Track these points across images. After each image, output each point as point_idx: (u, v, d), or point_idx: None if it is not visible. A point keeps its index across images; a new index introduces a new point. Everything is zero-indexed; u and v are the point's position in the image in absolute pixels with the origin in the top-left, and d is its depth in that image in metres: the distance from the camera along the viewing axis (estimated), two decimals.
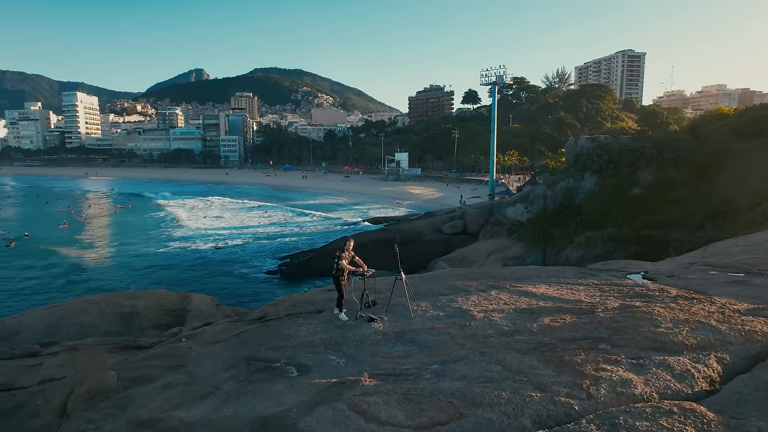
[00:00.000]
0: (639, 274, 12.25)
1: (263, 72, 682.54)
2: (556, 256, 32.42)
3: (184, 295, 13.58)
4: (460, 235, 49.65)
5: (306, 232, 63.02)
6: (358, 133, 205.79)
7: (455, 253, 39.96)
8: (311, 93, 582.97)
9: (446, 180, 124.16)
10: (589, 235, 31.71)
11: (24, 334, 12.88)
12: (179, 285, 35.84)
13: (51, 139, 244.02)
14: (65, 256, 48.17)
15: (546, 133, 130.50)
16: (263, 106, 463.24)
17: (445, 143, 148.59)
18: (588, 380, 6.58)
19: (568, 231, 34.02)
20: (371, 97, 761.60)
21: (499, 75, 67.06)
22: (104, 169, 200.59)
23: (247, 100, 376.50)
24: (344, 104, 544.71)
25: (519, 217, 39.05)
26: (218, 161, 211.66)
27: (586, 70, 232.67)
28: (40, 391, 9.15)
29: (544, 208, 37.60)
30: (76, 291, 35.47)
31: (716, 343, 7.38)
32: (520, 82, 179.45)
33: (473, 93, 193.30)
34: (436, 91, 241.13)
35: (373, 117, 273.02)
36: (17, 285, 38.85)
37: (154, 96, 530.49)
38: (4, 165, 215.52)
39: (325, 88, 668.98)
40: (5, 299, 34.52)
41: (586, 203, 35.48)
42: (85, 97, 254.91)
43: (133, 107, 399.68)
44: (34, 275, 41.72)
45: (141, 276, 41.14)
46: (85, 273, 42.30)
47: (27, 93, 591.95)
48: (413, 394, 6.65)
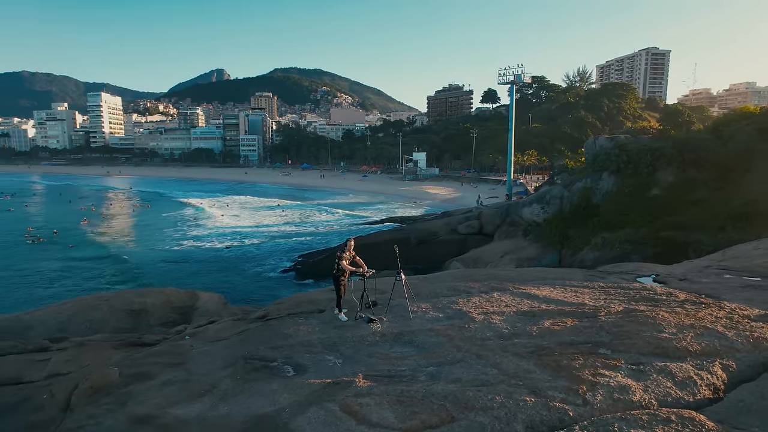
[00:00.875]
0: (650, 277, 11.97)
1: (283, 72, 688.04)
2: (572, 257, 31.92)
3: (192, 293, 13.73)
4: (476, 235, 49.27)
5: (322, 231, 63.32)
6: (376, 132, 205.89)
7: (470, 254, 39.66)
8: (330, 93, 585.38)
9: (464, 180, 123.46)
10: (606, 237, 31.15)
11: (37, 329, 13.17)
12: (193, 283, 36.37)
13: (76, 138, 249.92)
14: (83, 254, 49.27)
15: (566, 132, 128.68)
16: (283, 106, 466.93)
17: (464, 143, 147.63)
18: (585, 386, 6.43)
19: (584, 232, 33.47)
20: (390, 97, 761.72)
21: (517, 74, 66.38)
22: (126, 168, 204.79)
23: (267, 100, 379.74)
24: (363, 104, 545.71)
25: (535, 218, 38.56)
26: (238, 160, 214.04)
27: (608, 69, 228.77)
28: (47, 386, 9.33)
29: (561, 208, 37.05)
30: (91, 286, 36.35)
31: (722, 350, 7.15)
32: (540, 81, 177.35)
33: (492, 92, 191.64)
34: (455, 91, 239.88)
35: (391, 116, 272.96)
36: (39, 279, 39.90)
37: (176, 96, 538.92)
38: (32, 164, 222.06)
39: (345, 88, 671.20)
40: (29, 293, 35.49)
41: (603, 204, 34.87)
42: (109, 98, 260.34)
43: (156, 107, 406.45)
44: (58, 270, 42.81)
45: (156, 273, 41.84)
46: (101, 270, 43.10)
47: (55, 94, 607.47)
48: (406, 396, 6.59)
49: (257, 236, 59.52)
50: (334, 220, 73.67)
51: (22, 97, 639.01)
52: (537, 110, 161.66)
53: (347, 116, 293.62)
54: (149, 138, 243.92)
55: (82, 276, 40.84)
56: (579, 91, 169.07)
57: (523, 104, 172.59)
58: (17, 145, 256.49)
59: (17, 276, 40.70)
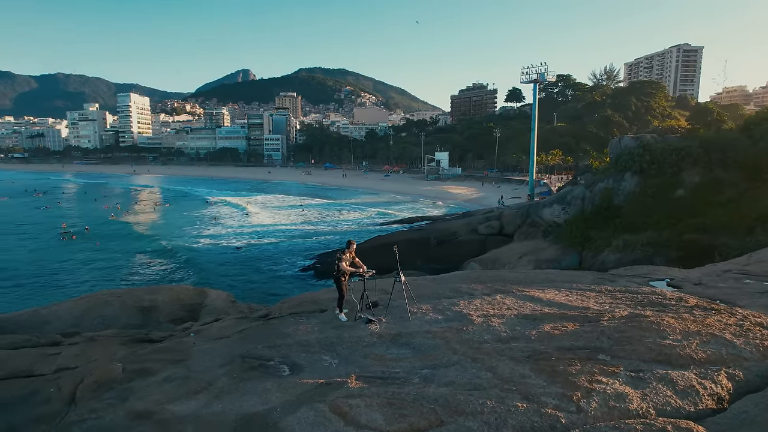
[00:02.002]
0: (663, 281, 11.60)
1: (308, 72, 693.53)
2: (593, 259, 31.24)
3: (201, 291, 13.92)
4: (496, 236, 48.72)
5: (342, 230, 63.53)
6: (399, 132, 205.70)
7: (488, 254, 39.22)
8: (354, 92, 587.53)
9: (486, 180, 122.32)
10: (628, 239, 30.38)
11: (53, 323, 13.55)
12: (210, 280, 37.08)
13: (107, 138, 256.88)
14: (105, 250, 50.69)
15: (591, 131, 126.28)
16: (307, 106, 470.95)
17: (487, 142, 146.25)
18: (580, 392, 6.26)
19: (606, 233, 32.71)
20: (414, 96, 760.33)
21: (540, 72, 65.33)
22: (154, 167, 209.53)
23: (291, 100, 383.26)
24: (387, 103, 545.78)
25: (555, 219, 37.88)
26: (261, 160, 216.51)
27: (637, 67, 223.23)
28: (55, 379, 9.57)
29: (582, 209, 36.30)
30: (110, 281, 37.44)
31: (728, 358, 6.87)
32: (565, 80, 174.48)
33: (517, 91, 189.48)
34: (479, 90, 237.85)
35: (414, 116, 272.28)
36: (64, 274, 41.18)
37: (202, 96, 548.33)
38: (65, 162, 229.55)
39: (368, 88, 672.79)
40: (55, 286, 36.66)
41: (625, 205, 34.02)
42: (137, 98, 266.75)
43: (183, 107, 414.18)
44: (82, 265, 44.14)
45: (174, 270, 42.63)
46: (119, 266, 44.11)
47: (87, 95, 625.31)
48: (397, 399, 6.52)
49: (277, 235, 60.08)
50: (354, 219, 73.85)
51: (57, 98, 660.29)
52: (562, 109, 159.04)
53: (370, 116, 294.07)
54: (176, 137, 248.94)
55: (102, 272, 41.86)
56: (606, 89, 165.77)
57: (548, 103, 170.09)
58: (51, 144, 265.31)
59: (47, 270, 42.08)
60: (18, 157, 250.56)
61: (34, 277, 39.81)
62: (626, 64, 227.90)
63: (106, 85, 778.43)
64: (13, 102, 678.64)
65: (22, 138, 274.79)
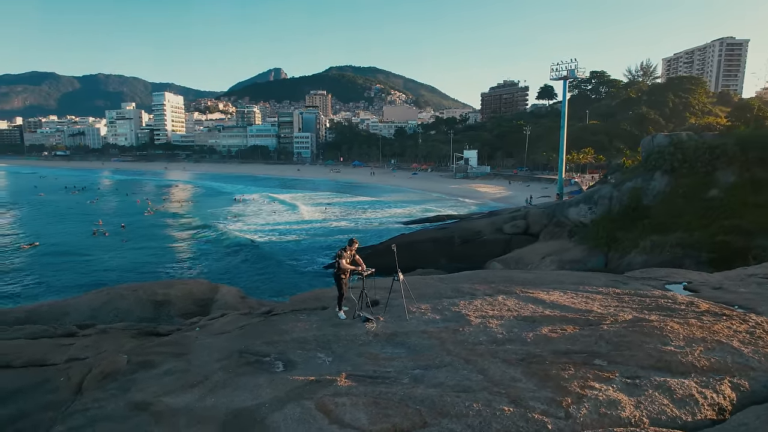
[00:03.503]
0: (680, 284, 11.15)
1: (338, 70, 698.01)
2: (619, 260, 30.36)
3: (213, 286, 14.17)
4: (521, 235, 47.97)
5: (367, 228, 63.67)
6: (428, 130, 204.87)
7: (512, 254, 38.63)
8: (384, 90, 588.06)
9: (516, 178, 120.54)
10: (655, 240, 29.40)
11: (72, 315, 14.03)
12: (227, 275, 37.93)
13: (142, 136, 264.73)
14: (132, 246, 52.41)
15: (625, 129, 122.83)
16: (337, 104, 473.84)
17: (517, 140, 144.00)
18: (570, 398, 6.07)
19: (633, 234, 31.73)
20: (444, 94, 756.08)
21: (570, 69, 63.80)
22: (186, 164, 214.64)
23: (321, 98, 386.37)
24: (417, 101, 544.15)
25: (582, 218, 36.98)
26: (291, 157, 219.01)
27: (676, 62, 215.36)
28: (66, 369, 9.90)
29: (609, 209, 35.31)
30: (131, 275, 38.76)
31: (734, 367, 6.54)
32: (599, 77, 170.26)
33: (549, 88, 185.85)
34: (510, 87, 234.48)
35: (444, 114, 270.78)
36: (90, 268, 42.76)
37: (235, 95, 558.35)
38: (104, 160, 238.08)
39: (398, 85, 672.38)
40: (79, 280, 38.11)
41: (654, 205, 32.91)
42: (172, 97, 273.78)
43: (216, 106, 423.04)
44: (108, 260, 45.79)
45: (193, 265, 43.54)
46: (142, 261, 45.32)
47: (125, 94, 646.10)
48: (383, 398, 6.48)
49: (300, 231, 60.70)
50: (379, 217, 73.92)
51: (97, 97, 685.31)
52: (595, 107, 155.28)
53: (400, 114, 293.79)
54: (208, 135, 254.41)
55: (125, 267, 43.18)
56: (641, 86, 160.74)
57: (581, 101, 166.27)
58: (91, 142, 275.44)
59: (72, 264, 43.75)
60: (60, 155, 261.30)
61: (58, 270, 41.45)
62: (664, 60, 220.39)
63: (143, 85, 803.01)
64: (58, 102, 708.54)
65: (65, 136, 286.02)
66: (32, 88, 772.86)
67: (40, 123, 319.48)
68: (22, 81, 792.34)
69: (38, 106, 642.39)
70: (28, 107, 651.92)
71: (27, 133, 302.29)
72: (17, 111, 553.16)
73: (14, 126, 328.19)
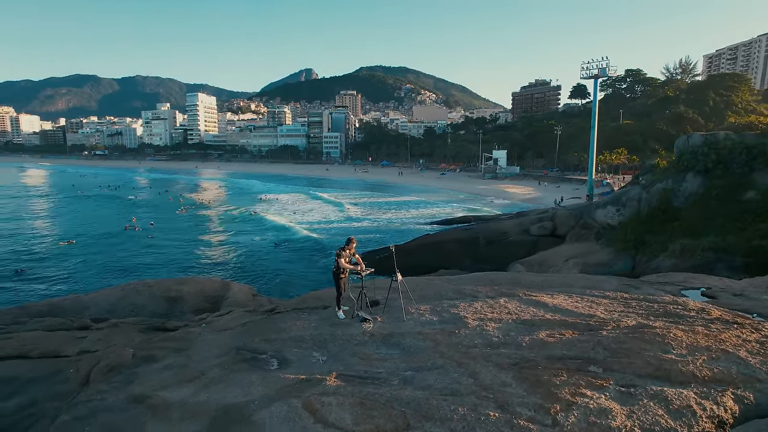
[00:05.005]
0: (698, 290, 10.68)
1: (368, 70, 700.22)
2: (647, 264, 29.39)
3: (225, 284, 14.39)
4: (548, 237, 47.07)
5: (393, 228, 63.61)
6: (457, 129, 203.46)
7: (536, 256, 37.90)
8: (414, 90, 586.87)
9: (546, 179, 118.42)
10: (686, 243, 28.33)
11: (92, 309, 14.48)
12: (246, 274, 38.51)
13: (176, 135, 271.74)
14: (157, 242, 53.83)
15: (661, 129, 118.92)
16: (367, 104, 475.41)
17: (547, 140, 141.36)
18: (559, 405, 5.88)
19: (662, 237, 30.67)
20: (475, 94, 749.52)
21: (601, 67, 62.07)
22: (219, 164, 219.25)
23: (351, 98, 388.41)
24: (447, 101, 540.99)
25: (609, 220, 35.98)
26: (320, 157, 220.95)
27: (718, 59, 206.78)
28: (76, 361, 10.21)
29: (638, 211, 34.23)
30: (152, 271, 39.96)
31: (738, 378, 6.20)
32: (634, 75, 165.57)
33: (582, 87, 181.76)
34: (542, 86, 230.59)
35: (474, 114, 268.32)
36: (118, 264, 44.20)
37: (266, 95, 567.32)
38: (140, 159, 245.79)
39: (429, 85, 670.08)
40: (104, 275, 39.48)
41: (686, 207, 31.73)
42: (205, 98, 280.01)
43: (248, 106, 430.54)
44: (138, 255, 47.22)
45: (211, 263, 44.16)
46: (165, 258, 46.44)
47: (161, 95, 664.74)
48: (369, 399, 6.42)
49: (325, 231, 61.11)
50: (405, 217, 73.76)
51: (135, 98, 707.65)
52: (630, 106, 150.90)
53: (429, 113, 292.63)
54: (239, 135, 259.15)
55: (147, 262, 44.34)
56: (680, 84, 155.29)
57: (615, 100, 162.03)
58: (128, 142, 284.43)
59: (108, 260, 45.26)
60: (99, 154, 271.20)
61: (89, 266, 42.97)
62: (706, 56, 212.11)
63: (178, 86, 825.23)
64: (98, 103, 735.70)
65: (104, 136, 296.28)
66: (75, 90, 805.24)
67: (81, 124, 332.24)
68: (65, 83, 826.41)
69: (80, 108, 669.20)
70: (71, 109, 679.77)
71: (69, 133, 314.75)
72: (61, 112, 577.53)
73: (58, 127, 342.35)
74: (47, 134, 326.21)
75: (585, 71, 63.76)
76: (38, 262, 45.41)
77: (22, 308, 14.71)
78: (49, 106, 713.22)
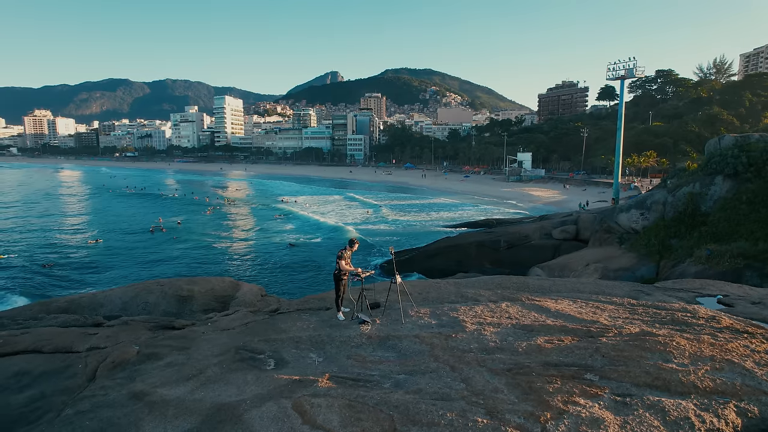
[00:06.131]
0: (714, 297, 10.26)
1: (393, 73, 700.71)
2: (671, 269, 28.46)
3: (235, 284, 14.53)
4: (571, 241, 46.31)
5: (413, 231, 63.42)
6: (482, 132, 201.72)
7: (557, 261, 37.21)
8: (439, 92, 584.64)
9: (571, 182, 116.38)
10: (713, 249, 27.34)
11: (107, 306, 14.80)
12: (265, 274, 38.91)
13: (203, 138, 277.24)
14: (181, 242, 54.85)
15: (693, 131, 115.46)
16: (392, 106, 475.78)
17: (574, 143, 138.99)
18: (550, 413, 5.71)
19: (688, 243, 29.68)
20: (501, 96, 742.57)
21: (628, 68, 60.56)
22: (243, 165, 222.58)
23: (376, 101, 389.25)
24: (472, 103, 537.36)
25: (633, 225, 35.02)
26: (344, 159, 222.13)
27: (756, 57, 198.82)
28: (86, 357, 10.43)
29: (663, 215, 33.23)
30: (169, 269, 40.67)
31: (742, 390, 5.91)
32: (665, 76, 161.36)
33: (610, 89, 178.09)
34: (569, 88, 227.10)
35: (499, 116, 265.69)
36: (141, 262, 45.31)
37: (292, 98, 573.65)
38: (168, 160, 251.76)
39: (454, 87, 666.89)
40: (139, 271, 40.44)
41: (714, 212, 30.62)
42: (231, 101, 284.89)
43: (274, 108, 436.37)
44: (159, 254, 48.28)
45: (227, 263, 44.83)
46: (184, 257, 47.32)
47: (190, 98, 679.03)
48: (358, 402, 6.36)
49: (344, 232, 61.29)
50: (427, 220, 73.47)
51: (165, 101, 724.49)
52: (660, 107, 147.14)
53: (454, 116, 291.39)
54: (265, 137, 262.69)
55: (166, 261, 45.27)
56: (714, 84, 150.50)
57: (645, 101, 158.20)
58: (157, 144, 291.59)
59: (131, 258, 46.43)
60: (129, 156, 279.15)
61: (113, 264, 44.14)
62: (742, 56, 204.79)
63: (207, 89, 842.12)
64: (130, 106, 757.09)
65: (134, 138, 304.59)
66: (109, 94, 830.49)
67: (113, 126, 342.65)
68: (99, 87, 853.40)
69: (113, 111, 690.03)
70: (104, 112, 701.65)
71: (102, 135, 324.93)
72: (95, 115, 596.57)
73: (91, 129, 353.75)
74: (81, 137, 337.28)
75: (611, 72, 62.36)
76: (66, 257, 46.94)
77: (43, 304, 15.15)
78: (84, 109, 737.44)
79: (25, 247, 51.92)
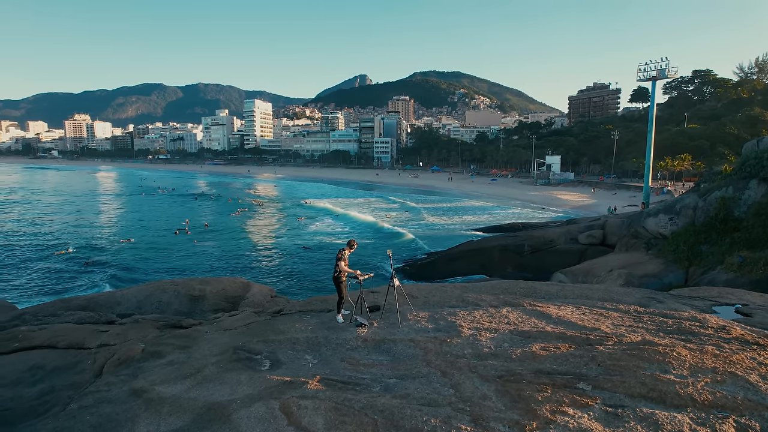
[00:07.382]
0: (732, 306, 9.79)
1: (422, 75, 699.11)
2: (701, 277, 27.45)
3: (246, 284, 14.69)
4: (597, 246, 45.20)
5: (437, 234, 63.03)
6: (510, 135, 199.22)
7: (581, 266, 36.34)
8: (468, 95, 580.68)
9: (601, 186, 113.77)
10: (745, 256, 26.24)
11: (123, 305, 15.19)
12: (280, 276, 39.17)
13: (233, 140, 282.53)
14: (209, 242, 55.91)
15: (731, 133, 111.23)
16: (420, 109, 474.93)
17: (604, 146, 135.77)
18: (536, 422, 5.54)
19: (719, 249, 28.56)
20: (531, 98, 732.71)
21: (660, 69, 58.85)
22: (273, 168, 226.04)
23: (404, 104, 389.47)
24: (501, 105, 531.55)
25: (661, 230, 33.92)
26: (371, 162, 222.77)
27: None
28: (95, 353, 10.71)
29: (693, 220, 32.07)
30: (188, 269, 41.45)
31: (743, 404, 5.60)
32: (703, 76, 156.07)
33: (643, 90, 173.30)
34: (600, 90, 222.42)
35: (528, 118, 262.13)
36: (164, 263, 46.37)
37: (321, 101, 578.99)
38: (199, 163, 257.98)
39: (483, 90, 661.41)
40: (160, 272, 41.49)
41: (747, 217, 29.38)
42: (261, 104, 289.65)
43: (303, 112, 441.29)
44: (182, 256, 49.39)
45: (241, 266, 45.26)
46: (204, 258, 48.17)
47: (221, 102, 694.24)
48: (345, 405, 6.31)
49: (369, 234, 61.39)
50: (451, 223, 72.95)
51: (197, 105, 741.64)
52: (697, 109, 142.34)
53: (482, 118, 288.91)
54: (293, 140, 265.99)
55: (187, 263, 46.17)
56: (756, 84, 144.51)
57: (681, 103, 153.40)
58: (189, 147, 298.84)
59: (157, 258, 47.66)
60: (162, 158, 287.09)
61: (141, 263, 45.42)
62: None
63: (237, 93, 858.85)
64: (163, 110, 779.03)
65: (167, 141, 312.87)
66: (144, 98, 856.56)
67: (147, 130, 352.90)
68: (135, 92, 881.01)
69: (147, 114, 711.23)
70: (139, 115, 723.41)
71: (136, 138, 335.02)
72: (131, 119, 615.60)
73: (126, 133, 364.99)
74: (117, 140, 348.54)
75: (642, 73, 60.77)
76: (99, 256, 48.56)
77: (64, 301, 15.64)
78: (121, 113, 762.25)
79: (84, 242, 54.93)
